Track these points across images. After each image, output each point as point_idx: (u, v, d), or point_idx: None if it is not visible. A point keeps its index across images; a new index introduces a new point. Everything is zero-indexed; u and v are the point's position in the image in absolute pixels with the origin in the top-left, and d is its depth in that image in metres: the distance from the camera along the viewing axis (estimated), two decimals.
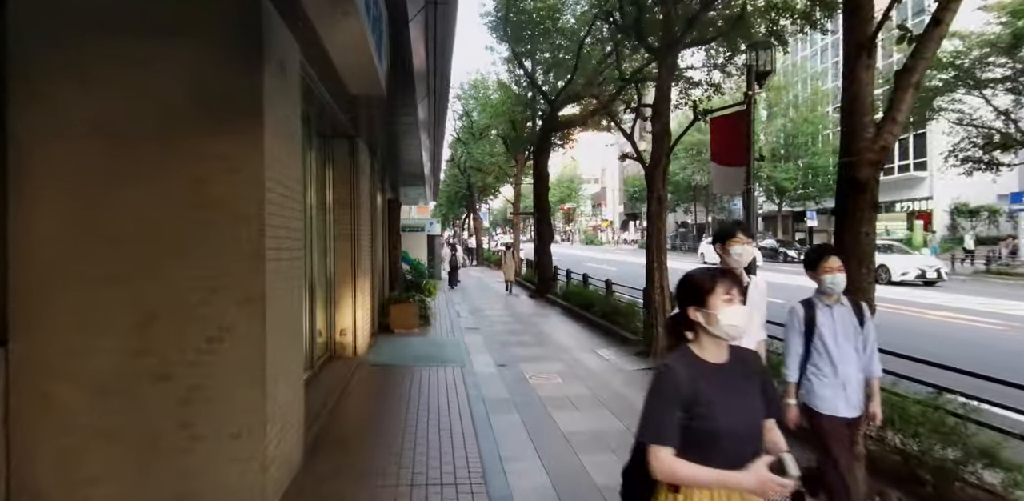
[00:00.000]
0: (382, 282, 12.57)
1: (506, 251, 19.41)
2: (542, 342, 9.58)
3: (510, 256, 18.48)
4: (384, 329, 10.39)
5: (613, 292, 11.43)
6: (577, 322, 11.81)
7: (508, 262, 18.18)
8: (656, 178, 8.26)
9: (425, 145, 10.92)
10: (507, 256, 18.60)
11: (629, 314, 10.08)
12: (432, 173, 15.64)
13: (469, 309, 13.95)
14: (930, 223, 37.18)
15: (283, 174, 3.74)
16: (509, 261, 18.19)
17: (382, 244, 12.66)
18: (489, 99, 25.70)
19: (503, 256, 19.29)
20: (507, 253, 18.95)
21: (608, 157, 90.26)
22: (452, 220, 62.77)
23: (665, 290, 8.20)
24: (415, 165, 12.39)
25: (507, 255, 18.72)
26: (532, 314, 13.14)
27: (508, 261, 18.25)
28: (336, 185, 7.96)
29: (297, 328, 4.32)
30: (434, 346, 9.06)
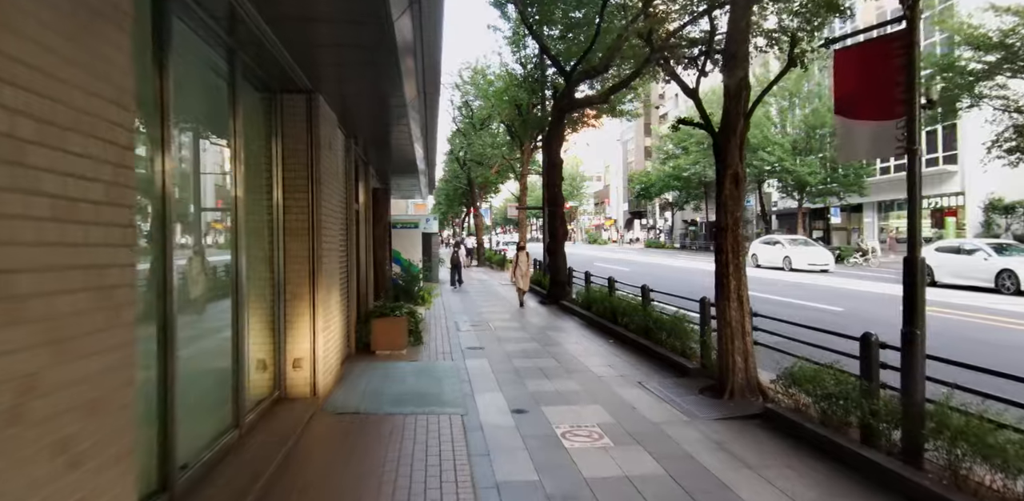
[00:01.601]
0: (366, 289, 10.32)
1: (519, 252, 14.31)
2: (568, 369, 7.32)
3: (524, 259, 13.95)
4: (366, 349, 8.14)
5: (652, 301, 9.16)
6: (604, 338, 9.55)
7: (522, 267, 13.88)
8: (730, 149, 6.01)
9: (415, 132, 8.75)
10: (520, 259, 14.02)
11: (679, 332, 7.82)
12: (426, 164, 13.46)
13: (471, 319, 11.69)
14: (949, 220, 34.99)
15: None
16: (524, 266, 13.88)
17: (365, 242, 10.41)
18: (492, 85, 23.41)
19: (515, 259, 14.35)
20: (520, 255, 14.14)
21: (612, 154, 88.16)
22: (451, 218, 60.59)
23: (745, 304, 5.94)
24: (405, 151, 10.16)
25: (520, 257, 14.05)
26: (547, 327, 10.87)
27: (522, 266, 13.88)
28: (285, 161, 5.69)
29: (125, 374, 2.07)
30: (425, 377, 6.79)
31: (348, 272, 8.09)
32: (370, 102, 6.62)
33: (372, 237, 10.66)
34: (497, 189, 49.29)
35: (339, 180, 7.27)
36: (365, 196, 10.42)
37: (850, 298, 14.62)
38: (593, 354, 8.27)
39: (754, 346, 6.06)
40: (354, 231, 9.26)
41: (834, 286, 17.39)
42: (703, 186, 47.84)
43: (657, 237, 64.61)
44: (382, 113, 7.28)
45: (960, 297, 14.11)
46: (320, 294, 5.79)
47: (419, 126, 9.19)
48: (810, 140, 35.76)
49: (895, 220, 40.05)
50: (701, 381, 6.57)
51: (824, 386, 4.98)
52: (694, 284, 18.11)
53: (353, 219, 9.23)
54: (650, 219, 74.00)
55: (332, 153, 6.45)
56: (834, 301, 13.95)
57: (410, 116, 7.41)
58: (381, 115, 7.44)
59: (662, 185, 51.04)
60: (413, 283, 10.83)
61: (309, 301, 5.73)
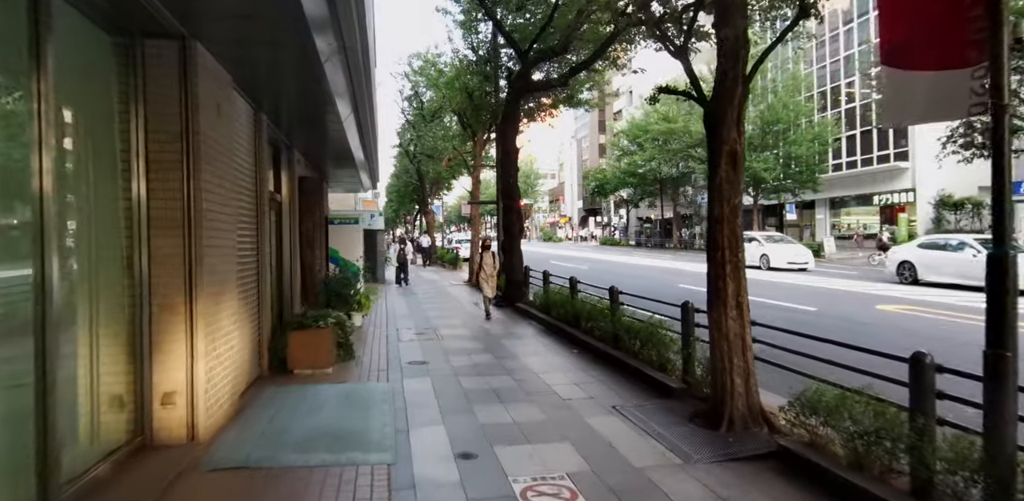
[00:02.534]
0: (290, 295, 8.84)
1: (484, 252, 11.81)
2: (528, 390, 6.07)
3: (490, 260, 11.64)
4: (282, 368, 6.71)
5: (622, 305, 8.00)
6: (566, 347, 8.35)
7: (487, 269, 11.49)
8: (726, 121, 4.86)
9: (344, 112, 7.38)
10: (485, 260, 11.59)
11: (656, 341, 6.67)
12: (365, 154, 12.01)
13: (416, 326, 10.32)
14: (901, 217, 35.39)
15: None
16: (489, 268, 11.50)
17: (290, 239, 8.92)
18: (442, 73, 21.99)
19: (479, 260, 11.92)
20: (485, 256, 11.67)
21: (567, 151, 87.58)
22: (404, 216, 58.68)
23: (745, 313, 4.80)
24: (338, 138, 8.73)
25: (485, 258, 11.62)
26: (502, 334, 9.60)
27: (487, 268, 11.49)
28: (149, 129, 4.25)
29: None
30: (350, 406, 5.42)
31: (260, 275, 6.64)
32: (276, 62, 5.21)
33: (299, 233, 9.18)
34: (450, 186, 47.79)
35: (240, 159, 5.83)
36: (289, 185, 8.94)
37: (821, 296, 13.86)
38: (556, 368, 7.04)
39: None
40: (271, 225, 7.80)
41: (809, 285, 16.66)
42: (658, 183, 47.44)
43: (612, 235, 64.21)
44: (296, 84, 5.88)
45: (949, 296, 13.50)
46: (202, 305, 4.37)
47: (348, 105, 7.79)
48: (765, 136, 35.56)
49: (846, 217, 40.44)
50: (688, 404, 5.42)
51: (857, 419, 3.88)
52: (658, 283, 17.19)
53: (270, 211, 7.77)
54: (605, 216, 73.66)
55: (224, 122, 5.01)
56: (807, 300, 13.15)
57: (333, 91, 6.03)
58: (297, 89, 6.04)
59: (617, 182, 50.45)
60: (348, 286, 9.41)
61: (185, 315, 4.30)
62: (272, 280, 7.40)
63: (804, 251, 22.17)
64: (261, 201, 6.68)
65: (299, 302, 9.11)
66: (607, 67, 16.60)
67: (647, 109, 44.65)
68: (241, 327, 5.61)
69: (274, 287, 8.24)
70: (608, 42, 11.06)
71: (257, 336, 6.51)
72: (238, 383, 5.35)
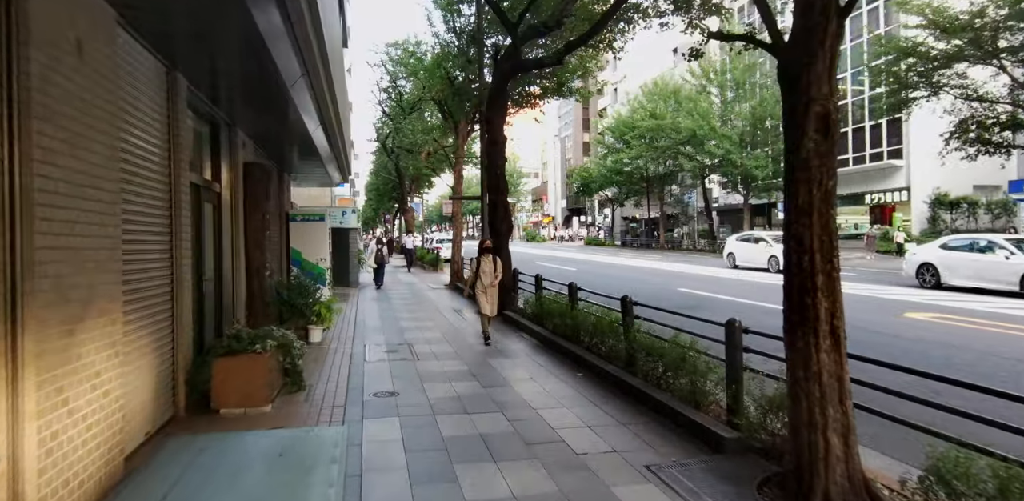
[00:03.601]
0: (231, 306, 7.27)
1: (482, 256, 8.89)
2: (527, 439, 4.57)
3: (490, 266, 8.74)
4: (206, 405, 5.14)
5: (637, 318, 6.54)
6: (567, 368, 6.89)
7: (487, 278, 8.65)
8: (814, 71, 3.44)
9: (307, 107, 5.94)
10: (484, 266, 8.73)
11: (688, 369, 5.23)
12: (330, 143, 10.47)
13: (387, 341, 8.79)
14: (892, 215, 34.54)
15: None
16: (489, 276, 8.66)
17: (232, 239, 7.35)
18: (421, 61, 20.44)
19: (476, 267, 8.85)
20: (483, 261, 8.79)
21: (550, 150, 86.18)
22: (383, 215, 56.86)
23: (842, 344, 3.38)
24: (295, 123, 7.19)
25: (483, 264, 8.75)
26: (490, 351, 8.10)
27: (486, 276, 8.66)
28: None
29: None
30: (282, 470, 3.89)
31: (177, 286, 5.07)
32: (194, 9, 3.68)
33: (244, 232, 7.60)
34: (431, 183, 46.14)
35: (136, 129, 4.27)
36: (231, 173, 7.36)
37: None
38: (560, 401, 5.56)
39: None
40: (203, 221, 6.23)
41: None
42: (645, 181, 46.24)
43: (597, 235, 62.98)
44: (230, 44, 4.35)
45: (981, 302, 12.26)
46: (35, 338, 2.82)
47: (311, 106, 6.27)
48: (757, 133, 34.51)
49: (837, 217, 39.46)
50: (750, 462, 3.99)
51: None
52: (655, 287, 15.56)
53: (202, 203, 6.21)
54: (589, 216, 72.44)
55: (95, 70, 3.46)
56: None
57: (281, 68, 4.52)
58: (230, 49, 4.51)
59: (603, 180, 49.19)
60: (305, 294, 7.83)
61: (3, 354, 2.75)
62: (195, 292, 5.82)
63: None
64: (178, 189, 5.11)
65: (244, 316, 7.54)
66: (601, 51, 15.27)
67: (633, 106, 43.47)
68: (130, 361, 4.06)
69: (210, 299, 6.67)
70: (610, 13, 9.62)
71: (169, 366, 4.95)
72: (122, 441, 3.79)
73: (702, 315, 6.42)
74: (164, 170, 4.97)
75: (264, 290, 7.76)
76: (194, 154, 6.72)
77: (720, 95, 36.48)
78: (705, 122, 34.41)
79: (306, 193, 22.95)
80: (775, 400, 4.19)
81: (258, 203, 7.70)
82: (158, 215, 4.80)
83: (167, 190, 5.01)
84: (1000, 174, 27.84)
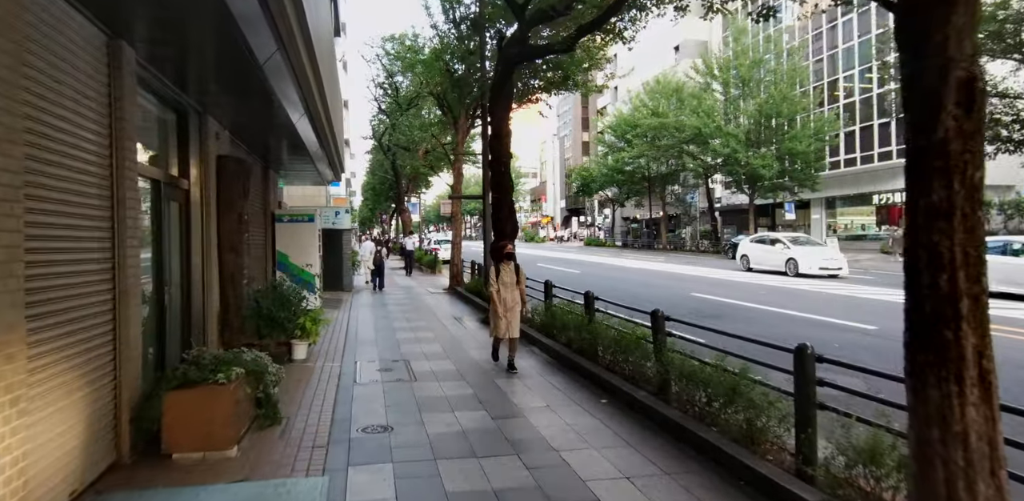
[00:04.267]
0: (201, 322, 6.34)
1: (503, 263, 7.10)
2: (554, 496, 3.65)
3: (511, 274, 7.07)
4: (155, 447, 4.20)
5: (670, 335, 5.62)
6: (587, 393, 5.97)
7: (508, 293, 6.98)
8: (949, 24, 2.52)
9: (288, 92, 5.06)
10: (505, 275, 7.03)
11: (745, 402, 4.31)
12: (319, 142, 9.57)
13: (381, 358, 7.86)
14: (900, 216, 33.67)
15: None
16: (510, 290, 6.99)
17: (203, 242, 6.42)
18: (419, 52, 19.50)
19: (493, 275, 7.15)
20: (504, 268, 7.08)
21: (549, 150, 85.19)
22: (380, 215, 55.87)
23: (994, 393, 2.47)
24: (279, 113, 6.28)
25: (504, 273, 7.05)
26: (498, 370, 7.17)
27: (508, 291, 6.98)
28: None
29: None
30: None
31: (120, 302, 4.14)
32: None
33: (217, 234, 6.67)
34: (428, 183, 45.15)
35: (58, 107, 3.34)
36: (200, 167, 6.42)
37: (872, 310, 11.66)
38: (586, 440, 4.63)
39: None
40: (153, 221, 5.31)
41: (851, 295, 14.36)
42: (646, 181, 45.34)
43: (597, 235, 62.08)
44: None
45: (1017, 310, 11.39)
46: None
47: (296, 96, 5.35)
48: (763, 131, 33.64)
49: (842, 217, 38.67)
50: None
51: None
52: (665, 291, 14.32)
53: (155, 201, 5.29)
54: (588, 216, 71.55)
55: None
56: (855, 314, 10.94)
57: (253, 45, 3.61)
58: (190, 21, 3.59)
59: (604, 180, 48.28)
60: (286, 304, 6.88)
61: None
62: (155, 305, 4.89)
63: (837, 255, 19.62)
64: (122, 183, 4.18)
65: (216, 331, 6.59)
66: (610, 42, 14.39)
67: (635, 104, 42.57)
68: (44, 406, 3.13)
69: (175, 312, 5.74)
70: None
71: (109, 402, 4.02)
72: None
73: (724, 325, 5.58)
74: (103, 159, 4.03)
75: (240, 300, 6.82)
76: (155, 145, 5.80)
77: (725, 92, 35.59)
78: (711, 120, 33.53)
79: (299, 193, 21.99)
80: (871, 449, 3.30)
81: (233, 201, 6.76)
82: (94, 214, 3.88)
83: (107, 184, 4.08)
84: (1013, 174, 27.00)
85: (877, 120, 33.37)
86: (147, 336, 4.90)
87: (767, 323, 10.21)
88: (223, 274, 6.71)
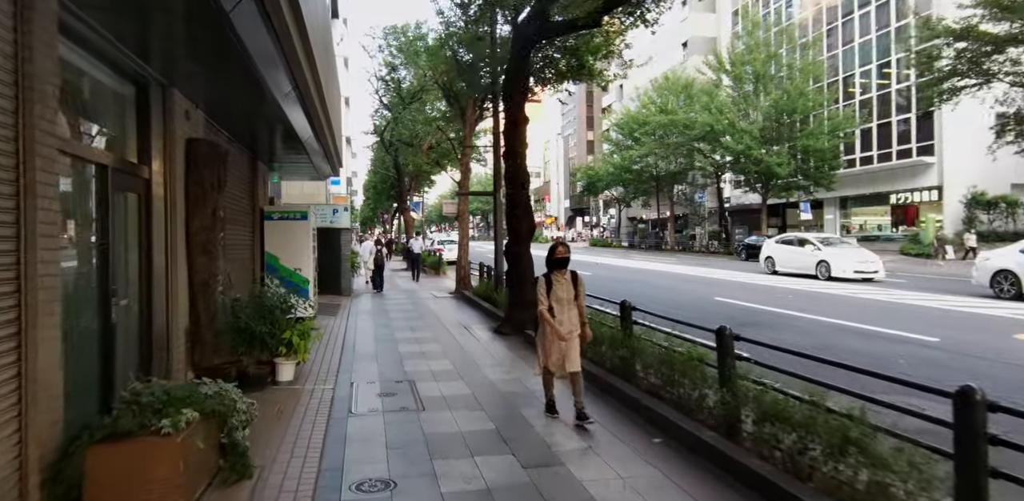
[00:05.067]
0: (164, 341, 5.27)
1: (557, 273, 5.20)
2: None
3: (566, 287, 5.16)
4: None
5: (747, 360, 4.52)
6: (633, 429, 4.87)
7: (566, 315, 5.11)
8: None
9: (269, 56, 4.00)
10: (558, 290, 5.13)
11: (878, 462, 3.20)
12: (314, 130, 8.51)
13: (383, 375, 6.76)
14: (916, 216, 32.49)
15: None
16: (570, 310, 5.14)
17: (168, 244, 5.33)
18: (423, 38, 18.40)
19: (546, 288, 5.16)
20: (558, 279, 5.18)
21: (553, 149, 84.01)
22: (381, 215, 54.77)
23: None
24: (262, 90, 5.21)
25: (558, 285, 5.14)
26: (517, 394, 6.06)
27: (566, 314, 5.11)
28: None
29: None
30: None
31: (27, 319, 3.05)
32: None
33: (186, 233, 5.57)
34: (431, 182, 44.03)
35: None
36: (164, 153, 5.32)
37: (926, 318, 10.53)
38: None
39: None
40: (99, 216, 4.22)
41: (895, 301, 13.15)
42: (654, 180, 44.18)
43: (602, 235, 60.92)
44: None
45: None
46: None
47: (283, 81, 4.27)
48: (779, 128, 32.49)
49: (855, 217, 37.45)
50: None
51: None
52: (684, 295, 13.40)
53: (101, 191, 4.21)
54: (593, 216, 70.41)
55: None
56: (911, 324, 9.82)
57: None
58: None
59: (611, 179, 47.16)
60: (268, 315, 5.76)
61: None
62: (101, 321, 3.79)
63: (872, 256, 18.18)
64: (31, 163, 3.08)
65: (185, 350, 5.49)
66: (631, 25, 13.32)
67: (643, 101, 41.48)
68: None
69: (129, 329, 4.65)
70: None
71: (13, 460, 2.92)
72: None
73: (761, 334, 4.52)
74: (3, 130, 2.94)
75: (214, 312, 5.72)
76: (106, 123, 4.71)
77: (738, 88, 34.45)
78: (724, 117, 32.42)
79: (299, 191, 20.91)
80: None
81: (205, 193, 5.67)
82: None
83: (10, 163, 2.99)
84: None
85: (896, 116, 32.20)
86: (79, 366, 3.80)
87: (815, 334, 9.10)
88: (193, 280, 5.61)
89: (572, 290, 5.22)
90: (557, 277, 5.23)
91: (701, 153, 37.02)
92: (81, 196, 4.14)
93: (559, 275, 5.24)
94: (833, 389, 3.76)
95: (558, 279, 5.22)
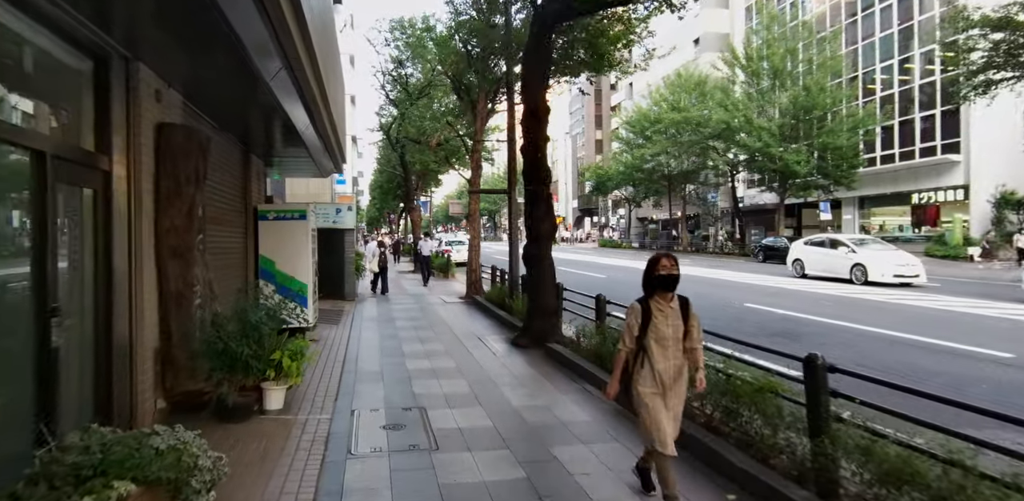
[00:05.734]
0: (126, 364, 4.38)
1: (660, 299, 3.52)
2: None
3: (673, 326, 3.46)
4: None
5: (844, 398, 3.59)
6: (699, 483, 3.94)
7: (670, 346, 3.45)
8: None
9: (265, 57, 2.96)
10: (664, 323, 3.46)
11: None
12: (318, 135, 7.67)
13: (389, 399, 5.87)
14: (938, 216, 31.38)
15: None
16: (675, 343, 3.46)
17: (132, 248, 4.45)
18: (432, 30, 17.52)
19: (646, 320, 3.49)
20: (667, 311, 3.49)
21: (561, 148, 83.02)
22: (387, 215, 53.95)
23: None
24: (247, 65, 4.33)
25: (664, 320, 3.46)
26: (545, 426, 5.14)
27: (672, 344, 3.45)
28: None
29: None
30: None
31: None
32: None
33: (155, 235, 4.69)
34: (438, 181, 43.15)
35: None
36: (127, 138, 4.44)
37: (989, 332, 9.53)
38: None
39: None
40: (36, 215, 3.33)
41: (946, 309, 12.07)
42: (666, 179, 43.13)
43: (612, 236, 59.91)
44: None
45: None
46: None
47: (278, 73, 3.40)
48: (797, 124, 31.43)
49: (875, 217, 36.30)
50: None
51: None
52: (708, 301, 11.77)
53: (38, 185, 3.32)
54: (603, 217, 69.41)
55: None
56: (975, 337, 8.84)
57: None
58: None
59: (620, 178, 46.16)
60: (253, 333, 4.85)
61: None
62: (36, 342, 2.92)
63: (912, 259, 17.04)
64: None
65: (154, 374, 4.61)
66: (656, 10, 12.41)
67: (655, 98, 40.50)
68: None
69: (74, 352, 3.78)
70: None
71: None
72: None
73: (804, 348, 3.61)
74: None
75: (190, 328, 4.84)
76: (49, 100, 3.83)
77: (755, 84, 33.41)
78: (740, 114, 31.40)
79: (304, 191, 20.09)
80: None
81: (179, 188, 4.78)
82: None
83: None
84: None
85: (919, 113, 31.10)
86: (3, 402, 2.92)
87: (870, 349, 8.15)
88: (164, 291, 4.73)
89: (681, 324, 3.52)
90: (660, 305, 3.52)
91: (715, 151, 36.00)
92: (6, 190, 3.26)
93: (663, 302, 3.53)
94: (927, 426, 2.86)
95: (661, 308, 3.51)
